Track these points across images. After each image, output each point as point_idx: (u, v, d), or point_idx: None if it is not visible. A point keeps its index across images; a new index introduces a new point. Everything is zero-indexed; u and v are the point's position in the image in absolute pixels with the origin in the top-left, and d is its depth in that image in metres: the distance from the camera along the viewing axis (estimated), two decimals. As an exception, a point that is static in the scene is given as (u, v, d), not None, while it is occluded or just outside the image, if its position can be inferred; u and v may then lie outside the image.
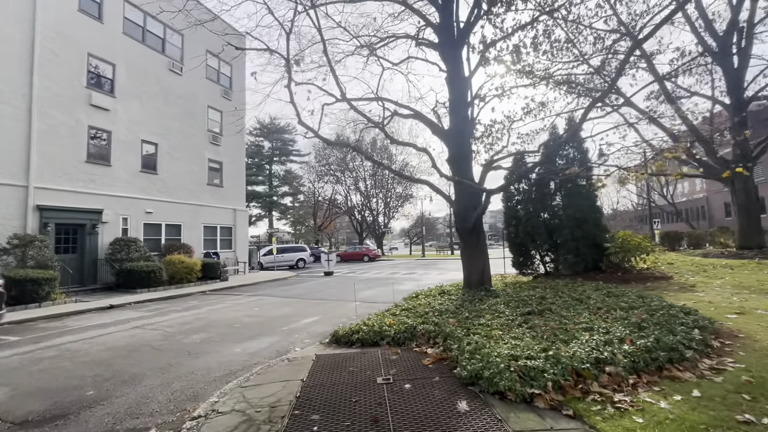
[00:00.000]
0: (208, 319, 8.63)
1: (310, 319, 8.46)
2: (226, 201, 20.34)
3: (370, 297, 11.59)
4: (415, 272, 20.84)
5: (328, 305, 10.28)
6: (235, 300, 11.72)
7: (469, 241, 8.13)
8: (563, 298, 6.75)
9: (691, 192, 49.20)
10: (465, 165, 8.21)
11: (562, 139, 11.20)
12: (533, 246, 12.70)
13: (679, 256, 14.23)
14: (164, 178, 16.87)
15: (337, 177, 45.81)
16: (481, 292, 7.71)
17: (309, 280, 17.51)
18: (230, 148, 20.77)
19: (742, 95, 12.31)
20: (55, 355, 5.94)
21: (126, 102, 15.33)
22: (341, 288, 14.10)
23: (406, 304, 7.51)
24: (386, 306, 9.66)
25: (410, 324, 5.53)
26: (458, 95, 8.44)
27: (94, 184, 14.05)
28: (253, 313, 9.27)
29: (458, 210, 8.23)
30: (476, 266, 8.12)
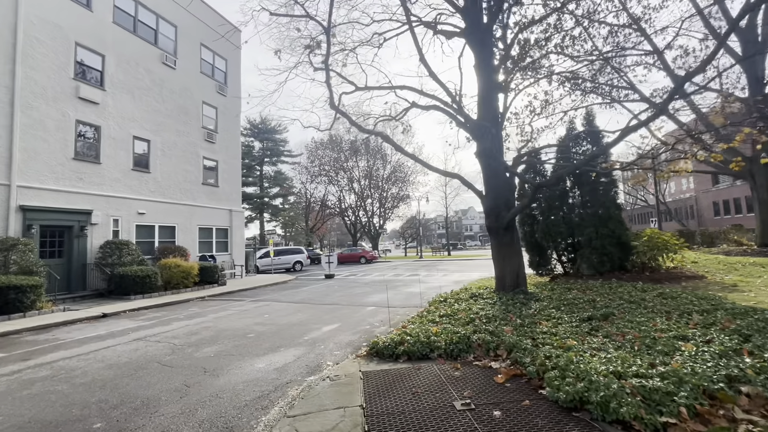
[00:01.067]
0: (217, 329, 7.84)
1: (329, 326, 7.75)
2: (221, 201, 19.42)
3: (383, 301, 10.92)
4: (419, 274, 20.24)
5: (342, 311, 9.58)
6: (240, 306, 10.91)
7: (502, 240, 7.55)
8: (616, 301, 6.21)
9: (677, 191, 49.95)
10: (495, 159, 7.63)
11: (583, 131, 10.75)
12: (551, 245, 12.21)
13: (700, 255, 13.94)
14: (157, 177, 15.91)
15: (330, 177, 45.03)
16: (519, 295, 7.13)
17: (311, 284, 16.73)
18: (226, 146, 19.87)
19: (762, 88, 12.05)
20: (49, 376, 5.12)
21: (116, 96, 14.37)
22: (348, 292, 13.39)
23: (441, 309, 6.86)
24: (406, 311, 9.05)
25: (463, 333, 4.88)
26: (487, 84, 7.87)
27: (82, 183, 13.05)
28: (263, 321, 8.51)
29: (490, 206, 7.64)
30: (510, 267, 7.54)
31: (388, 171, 44.36)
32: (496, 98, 7.84)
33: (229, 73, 20.62)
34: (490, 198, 7.59)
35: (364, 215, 45.18)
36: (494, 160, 7.51)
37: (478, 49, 7.94)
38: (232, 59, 20.85)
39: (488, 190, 7.68)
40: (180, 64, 17.30)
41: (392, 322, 7.87)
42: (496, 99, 7.83)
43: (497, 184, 7.55)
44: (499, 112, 7.92)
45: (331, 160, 44.19)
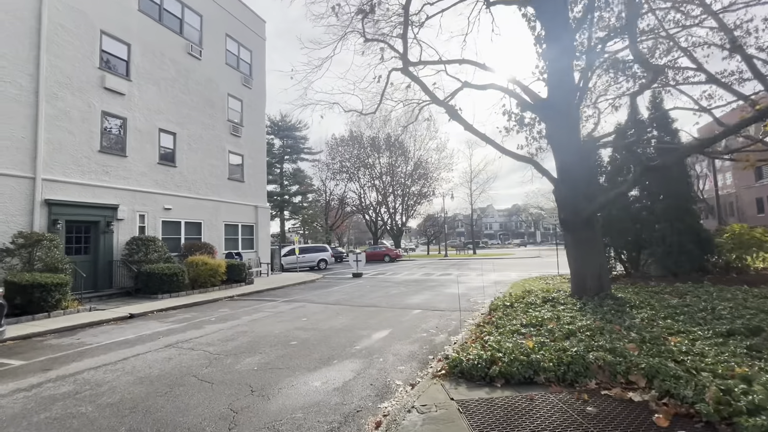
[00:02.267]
0: (254, 334, 7.03)
1: (379, 333, 6.84)
2: (247, 197, 18.81)
3: (427, 303, 9.97)
4: (451, 273, 19.20)
5: (386, 314, 8.66)
6: (273, 307, 10.13)
7: (581, 237, 6.48)
8: (740, 310, 5.07)
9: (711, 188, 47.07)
10: (572, 141, 6.55)
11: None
12: (611, 242, 10.98)
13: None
14: (183, 171, 15.35)
15: (351, 174, 44.24)
16: (606, 300, 6.05)
17: (340, 283, 15.91)
18: (251, 140, 19.24)
19: None
20: (72, 392, 4.36)
21: (142, 86, 13.82)
22: (383, 292, 12.48)
23: (516, 316, 5.84)
24: (458, 315, 8.06)
25: (575, 351, 3.87)
26: (559, 55, 6.77)
27: (108, 176, 12.54)
28: (303, 325, 7.67)
29: (566, 197, 6.57)
30: (592, 267, 6.46)
31: (410, 167, 43.31)
32: (570, 69, 6.72)
33: (254, 65, 19.97)
34: (567, 187, 6.52)
35: (386, 212, 44.25)
36: (570, 142, 6.44)
37: (548, 15, 6.86)
38: (257, 51, 20.20)
39: (563, 178, 6.61)
40: (205, 55, 16.70)
41: (449, 329, 6.92)
42: (570, 70, 6.72)
43: (575, 171, 6.48)
44: (573, 85, 6.83)
45: (352, 157, 43.43)
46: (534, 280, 13.58)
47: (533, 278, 14.32)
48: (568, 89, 6.69)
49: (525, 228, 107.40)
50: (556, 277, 14.00)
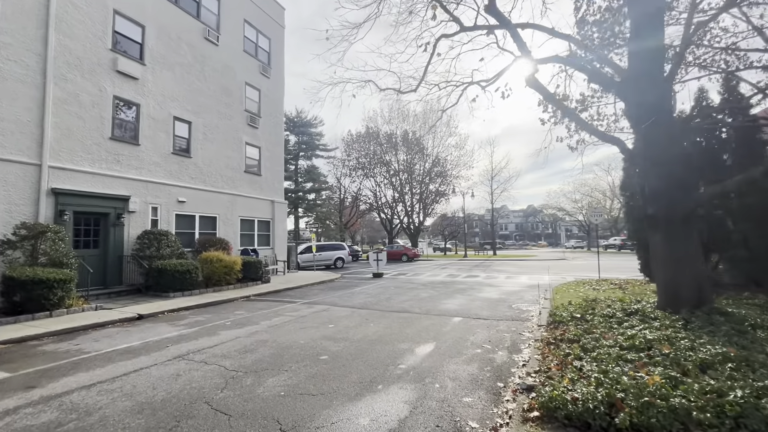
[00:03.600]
0: (276, 344, 6.03)
1: (422, 347, 5.77)
2: (264, 191, 17.95)
3: (465, 310, 8.86)
4: (477, 275, 18.02)
5: (423, 322, 7.58)
6: (294, 310, 9.15)
7: (676, 237, 5.29)
8: None
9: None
10: (665, 120, 5.34)
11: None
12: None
13: None
14: (198, 162, 14.54)
15: (367, 171, 43.22)
16: (714, 315, 4.85)
17: (361, 284, 14.89)
18: (268, 132, 18.37)
19: None
20: (51, 424, 3.41)
21: (156, 71, 13.03)
22: (411, 295, 11.40)
23: (610, 335, 4.68)
24: (507, 326, 6.86)
25: (740, 398, 2.73)
26: (647, 12, 5.56)
27: (119, 166, 11.76)
28: (332, 335, 6.64)
29: (657, 189, 5.38)
30: (687, 273, 5.27)
31: (428, 165, 42.08)
32: (661, 27, 5.49)
33: (273, 54, 19.10)
34: (657, 176, 5.33)
35: (402, 210, 43.12)
36: (663, 121, 5.25)
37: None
38: (275, 39, 19.33)
39: (651, 166, 5.42)
40: (223, 41, 15.86)
41: (506, 345, 5.80)
42: (661, 29, 5.49)
43: (668, 157, 5.29)
44: (664, 50, 5.62)
45: (368, 153, 42.42)
46: (576, 284, 12.33)
47: (574, 282, 13.07)
48: (657, 51, 5.47)
49: (542, 229, 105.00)
50: (601, 281, 12.72)
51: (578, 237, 75.01)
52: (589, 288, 11.20)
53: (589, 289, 10.89)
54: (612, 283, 12.21)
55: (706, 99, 9.75)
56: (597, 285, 11.74)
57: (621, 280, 12.80)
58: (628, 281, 12.35)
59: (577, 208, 63.70)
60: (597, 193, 60.97)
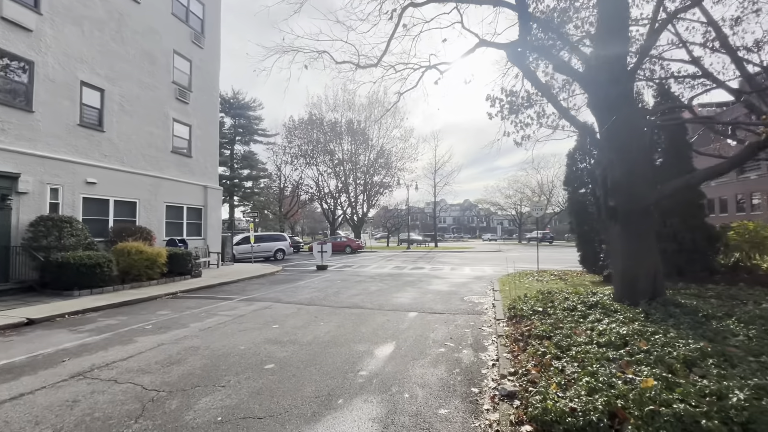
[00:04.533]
0: (210, 352, 5.08)
1: (381, 348, 5.23)
2: (195, 175, 16.10)
3: (419, 304, 8.50)
4: (423, 267, 17.99)
5: (377, 319, 7.05)
6: (231, 309, 8.09)
7: (636, 229, 5.30)
8: None
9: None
10: (630, 110, 5.30)
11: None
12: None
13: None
14: (113, 137, 12.47)
15: (309, 159, 41.56)
16: (670, 307, 4.91)
17: (306, 277, 13.99)
18: (201, 109, 16.47)
19: None
20: None
21: (58, 24, 10.80)
22: (360, 289, 10.84)
23: (581, 330, 4.47)
24: (465, 320, 6.53)
25: (744, 401, 2.54)
26: (613, 7, 5.49)
27: (4, 136, 9.57)
28: (276, 336, 5.83)
29: (620, 180, 5.34)
30: (646, 267, 5.31)
31: (373, 155, 41.58)
32: (624, 25, 5.45)
33: (207, 22, 17.08)
34: (620, 168, 5.30)
35: (346, 201, 42.23)
36: (628, 111, 5.20)
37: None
38: (210, 5, 17.30)
39: (616, 158, 5.37)
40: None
41: (470, 342, 5.48)
42: (624, 26, 5.44)
43: (631, 148, 5.27)
44: (629, 43, 5.61)
45: (312, 141, 40.77)
46: (519, 276, 12.66)
47: (516, 274, 13.43)
48: (621, 45, 5.43)
49: (477, 222, 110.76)
50: (542, 272, 13.23)
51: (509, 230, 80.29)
52: (533, 279, 11.51)
53: (533, 281, 11.18)
54: (552, 274, 12.71)
55: (642, 101, 10.35)
56: (539, 276, 12.13)
57: (559, 271, 13.43)
58: (565, 272, 12.97)
59: (510, 203, 67.84)
60: (527, 189, 65.37)
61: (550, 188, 62.49)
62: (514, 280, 11.71)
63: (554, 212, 61.30)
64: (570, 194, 11.21)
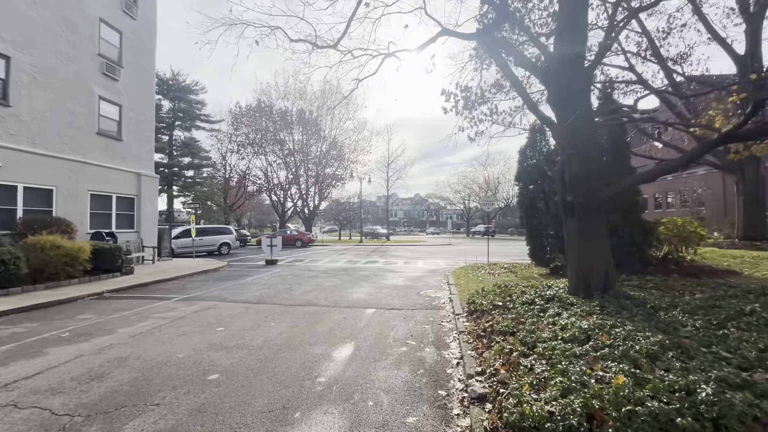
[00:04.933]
0: (142, 363, 4.42)
1: (340, 349, 4.89)
2: (126, 161, 14.47)
3: (375, 300, 8.25)
4: (377, 261, 17.82)
5: (333, 317, 6.69)
6: (168, 310, 7.26)
7: (590, 224, 5.43)
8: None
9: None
10: (585, 108, 5.39)
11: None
12: (553, 233, 10.60)
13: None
14: (23, 114, 10.74)
15: (257, 149, 39.56)
16: (621, 299, 5.08)
17: (254, 272, 13.19)
18: (134, 88, 14.79)
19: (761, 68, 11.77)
20: None
21: (-54, -26, 8.99)
22: (314, 284, 10.37)
23: (544, 325, 4.43)
24: (423, 316, 6.44)
25: (711, 396, 2.54)
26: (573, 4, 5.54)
27: None
28: (221, 341, 5.25)
29: (578, 176, 5.42)
30: (599, 261, 5.47)
31: (325, 147, 40.55)
32: (584, 20, 5.53)
33: (141, -10, 15.32)
34: (578, 164, 5.39)
35: (296, 193, 40.88)
36: (586, 108, 5.28)
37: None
38: (144, -28, 15.53)
39: (573, 153, 5.45)
40: (64, -44, 11.93)
41: (431, 340, 5.31)
42: (584, 20, 5.53)
43: (588, 146, 5.38)
44: (586, 33, 5.69)
45: (260, 129, 38.82)
46: (471, 269, 12.89)
47: (468, 267, 13.66)
48: (580, 41, 5.51)
49: (427, 216, 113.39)
50: (493, 266, 13.58)
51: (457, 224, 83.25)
52: (485, 272, 11.75)
53: (486, 274, 11.41)
54: (502, 267, 13.09)
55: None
56: (491, 269, 12.42)
57: (509, 264, 13.88)
58: (514, 265, 13.42)
59: (459, 197, 70.08)
60: (475, 185, 67.91)
61: (496, 184, 65.54)
62: (468, 273, 11.88)
63: (498, 207, 64.38)
64: (521, 189, 11.54)
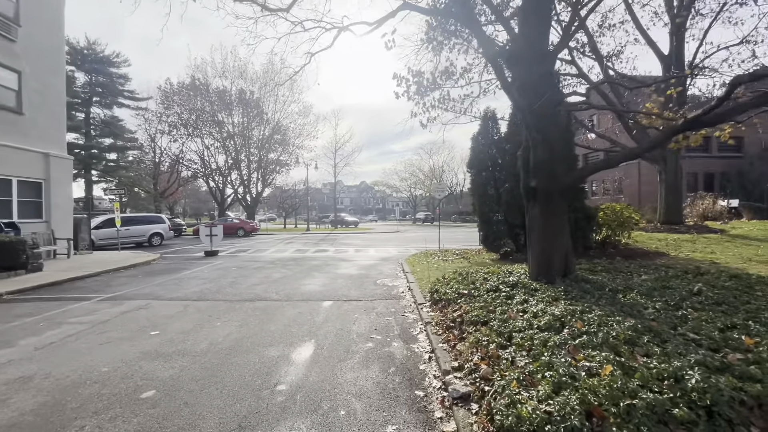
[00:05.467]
0: (52, 382, 3.59)
1: (299, 350, 4.41)
2: (29, 139, 12.28)
3: (331, 291, 7.82)
4: (326, 249, 17.27)
5: (287, 311, 6.16)
6: (88, 314, 6.19)
7: (553, 209, 5.41)
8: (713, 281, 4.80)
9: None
10: (549, 89, 5.32)
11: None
12: (503, 218, 10.86)
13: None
14: None
15: (192, 131, 36.35)
16: (582, 284, 5.15)
17: (192, 265, 12.01)
18: (36, 52, 12.51)
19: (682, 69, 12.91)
20: None
21: None
22: (261, 276, 9.64)
23: (514, 312, 4.29)
24: (384, 307, 6.20)
25: (699, 383, 2.50)
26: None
27: None
28: (157, 348, 4.50)
29: (543, 161, 5.36)
30: (560, 246, 5.50)
31: (268, 131, 38.40)
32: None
33: (42, -65, 12.88)
34: (543, 148, 5.32)
35: (237, 179, 38.42)
36: (551, 91, 5.22)
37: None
38: None
39: (538, 137, 5.37)
40: None
41: (397, 333, 5.03)
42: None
43: (551, 130, 5.33)
44: (551, 18, 5.60)
45: (196, 109, 35.66)
46: (424, 256, 12.88)
47: (420, 254, 13.64)
48: (544, 22, 5.41)
49: (373, 204, 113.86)
50: (445, 252, 13.69)
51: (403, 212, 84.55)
52: (439, 259, 11.77)
53: (440, 260, 11.42)
54: (454, 253, 13.23)
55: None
56: (443, 256, 12.48)
57: (459, 250, 14.09)
58: (466, 251, 13.64)
59: (405, 185, 70.98)
60: (420, 173, 69.15)
61: (440, 173, 67.28)
62: (422, 260, 11.82)
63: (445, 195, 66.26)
64: (473, 176, 11.63)
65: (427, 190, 69.27)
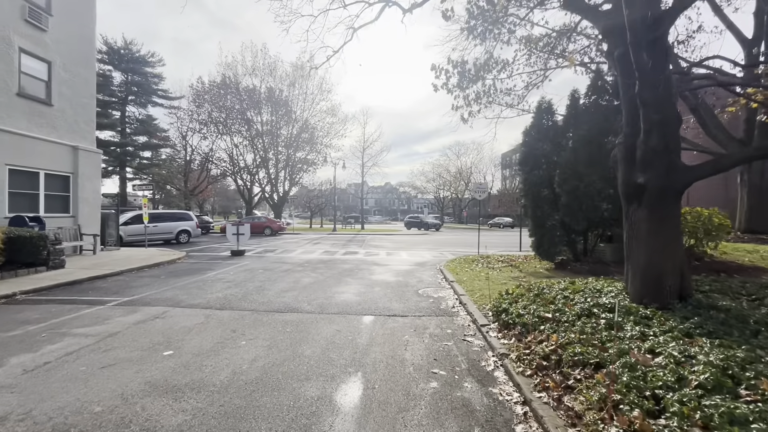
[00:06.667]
0: (28, 427, 2.72)
1: (344, 390, 3.39)
2: (59, 131, 11.96)
3: (370, 303, 6.78)
4: (356, 252, 16.33)
5: (322, 329, 5.17)
6: (97, 322, 5.43)
7: (665, 214, 4.17)
8: None
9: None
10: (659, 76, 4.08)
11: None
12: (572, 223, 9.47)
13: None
14: None
15: (222, 129, 36.42)
16: (710, 311, 3.88)
17: (218, 265, 11.32)
18: (68, 42, 12.20)
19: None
20: None
21: None
22: (291, 281, 8.75)
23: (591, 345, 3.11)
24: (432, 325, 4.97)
25: None
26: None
27: None
28: (167, 377, 3.60)
29: (657, 150, 4.11)
30: (672, 259, 4.25)
31: (296, 130, 38.06)
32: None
33: (76, -76, 12.59)
34: (659, 135, 4.09)
35: (265, 177, 38.26)
36: (658, 74, 3.99)
37: None
38: None
39: (655, 119, 4.13)
40: None
41: (464, 367, 3.92)
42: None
43: (665, 113, 4.10)
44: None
45: (226, 107, 35.71)
46: (465, 262, 11.68)
47: (459, 260, 12.42)
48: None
49: (398, 205, 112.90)
50: (488, 258, 12.42)
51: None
52: (483, 266, 10.57)
53: (484, 268, 10.22)
54: (497, 260, 11.97)
55: (603, 79, 9.77)
56: (487, 263, 11.25)
57: (503, 257, 12.79)
58: (511, 258, 12.33)
59: (432, 186, 69.41)
60: (447, 174, 67.37)
61: (468, 174, 65.27)
62: (464, 267, 10.65)
63: (470, 197, 64.26)
64: (525, 175, 10.37)
65: (454, 191, 67.43)
